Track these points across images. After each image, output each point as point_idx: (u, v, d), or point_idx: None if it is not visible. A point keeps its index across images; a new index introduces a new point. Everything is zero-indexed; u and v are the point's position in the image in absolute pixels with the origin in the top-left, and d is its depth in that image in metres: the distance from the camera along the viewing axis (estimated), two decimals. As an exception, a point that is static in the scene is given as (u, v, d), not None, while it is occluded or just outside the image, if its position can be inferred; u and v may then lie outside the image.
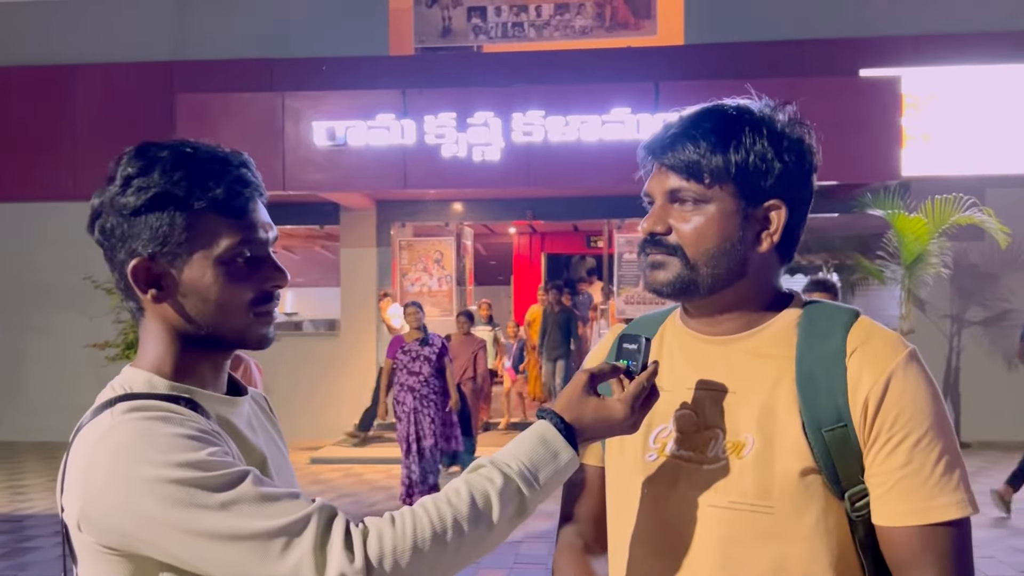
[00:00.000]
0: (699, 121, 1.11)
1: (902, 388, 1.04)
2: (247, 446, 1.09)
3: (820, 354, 1.08)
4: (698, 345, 1.17)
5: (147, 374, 1.06)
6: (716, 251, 1.10)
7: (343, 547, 0.93)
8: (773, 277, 1.16)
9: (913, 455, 1.03)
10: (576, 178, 8.60)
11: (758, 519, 1.06)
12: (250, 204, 1.06)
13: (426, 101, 8.62)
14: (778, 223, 1.11)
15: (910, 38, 9.47)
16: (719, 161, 1.08)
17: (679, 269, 1.11)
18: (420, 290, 9.75)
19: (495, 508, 0.99)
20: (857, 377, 1.05)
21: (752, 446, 1.08)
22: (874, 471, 1.05)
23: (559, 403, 1.07)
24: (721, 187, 1.09)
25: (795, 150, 1.11)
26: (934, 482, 1.03)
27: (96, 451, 0.96)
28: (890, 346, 1.08)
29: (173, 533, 0.92)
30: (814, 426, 1.05)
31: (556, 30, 10.54)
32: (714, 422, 1.12)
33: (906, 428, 1.03)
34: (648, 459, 1.17)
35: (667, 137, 1.12)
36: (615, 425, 1.07)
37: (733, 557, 1.08)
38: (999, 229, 8.12)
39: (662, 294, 1.14)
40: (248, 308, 1.07)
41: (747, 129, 1.09)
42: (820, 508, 1.06)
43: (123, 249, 1.04)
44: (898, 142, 8.38)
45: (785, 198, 1.11)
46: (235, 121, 8.50)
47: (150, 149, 1.04)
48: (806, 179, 1.13)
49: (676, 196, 1.11)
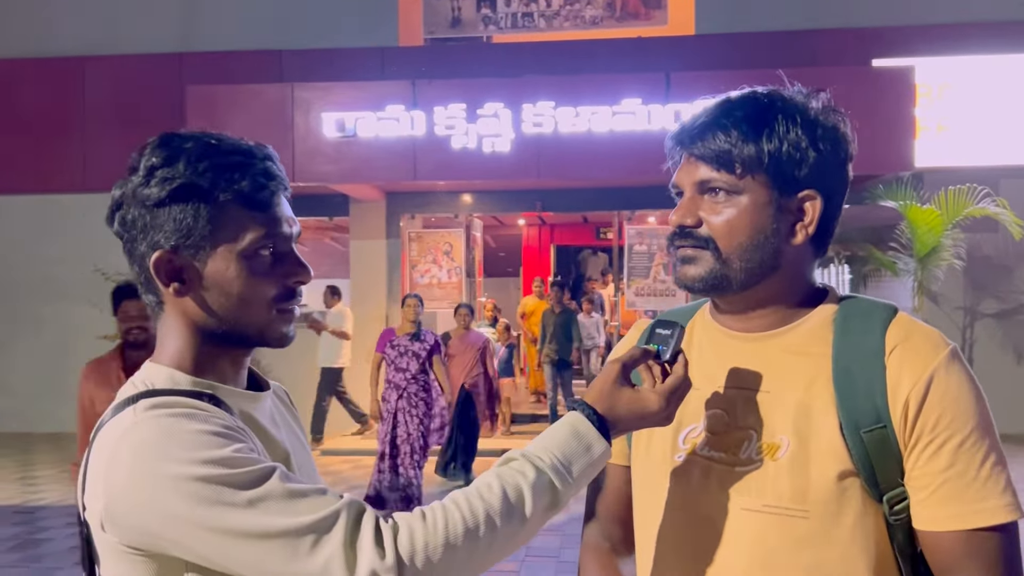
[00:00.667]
0: (730, 109, 1.07)
1: (944, 388, 1.00)
2: (270, 442, 1.07)
3: (858, 352, 1.04)
4: (729, 342, 1.13)
5: (169, 370, 1.04)
6: (749, 244, 1.06)
7: (374, 544, 0.91)
8: (807, 271, 1.12)
9: (957, 457, 0.99)
10: (587, 169, 8.56)
11: (793, 523, 1.03)
12: (275, 198, 1.04)
13: (436, 92, 8.59)
14: (813, 214, 1.07)
15: (923, 27, 9.38)
16: (751, 150, 1.04)
17: (711, 263, 1.07)
18: (430, 282, 9.74)
19: (528, 502, 0.97)
20: (897, 376, 1.01)
21: (787, 448, 1.04)
22: (916, 474, 1.01)
23: (591, 394, 1.04)
24: (753, 177, 1.05)
25: (830, 138, 1.07)
26: (979, 485, 0.99)
27: (119, 449, 0.93)
28: (931, 344, 1.04)
29: (199, 532, 0.90)
30: (852, 427, 1.01)
31: (566, 20, 10.48)
32: (747, 422, 1.08)
33: (949, 429, 0.99)
34: (677, 459, 1.13)
35: (697, 126, 1.08)
36: (649, 417, 1.03)
37: (767, 562, 1.04)
38: (1013, 221, 8.04)
39: (693, 290, 1.10)
40: (271, 304, 1.04)
41: (780, 117, 1.05)
42: (858, 512, 1.02)
43: (144, 241, 1.02)
44: (911, 133, 8.31)
45: (820, 188, 1.07)
46: (244, 112, 8.50)
47: (174, 140, 1.02)
48: (841, 168, 1.09)
49: (706, 187, 1.08)
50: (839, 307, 1.10)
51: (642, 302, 9.37)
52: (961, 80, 9.17)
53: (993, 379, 10.63)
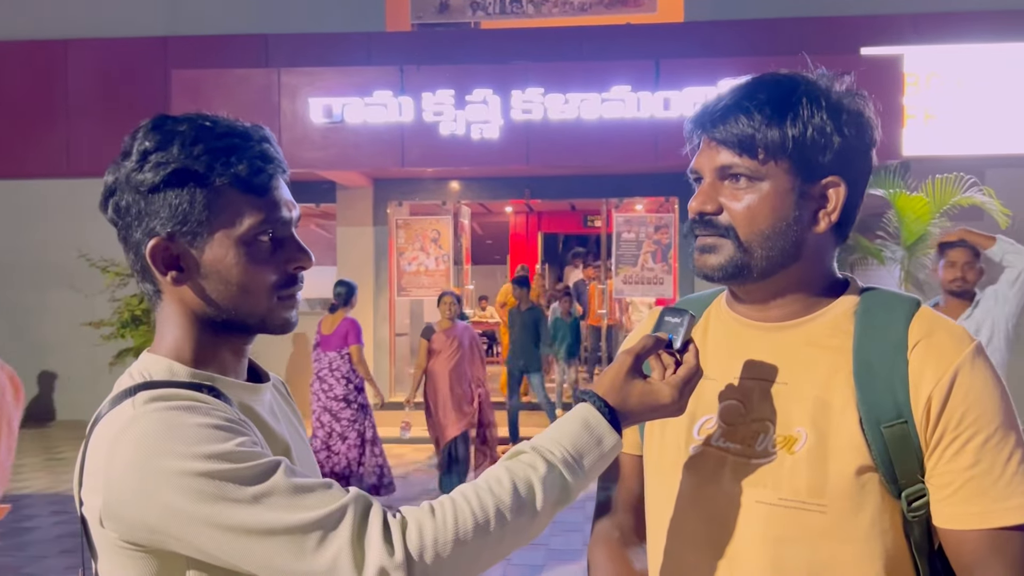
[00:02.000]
0: (753, 92, 1.04)
1: (968, 385, 0.98)
2: (271, 434, 1.04)
3: (879, 345, 1.02)
4: (746, 332, 1.11)
5: (167, 361, 1.01)
6: (771, 232, 1.03)
7: (382, 540, 0.89)
8: (829, 260, 1.10)
9: (982, 455, 0.97)
10: (576, 156, 8.53)
11: (810, 518, 1.01)
12: (273, 181, 1.01)
13: (424, 78, 8.53)
14: (837, 201, 1.05)
15: (912, 16, 9.39)
16: (775, 135, 1.01)
17: (732, 252, 1.04)
18: (417, 269, 9.70)
19: (538, 496, 0.95)
20: (920, 372, 1.00)
21: (805, 441, 1.02)
22: (939, 471, 0.99)
23: (601, 385, 1.02)
24: (776, 163, 1.02)
25: (855, 123, 1.04)
26: (1004, 483, 0.97)
27: (118, 443, 0.91)
28: (955, 340, 1.02)
29: (203, 528, 0.88)
30: (872, 422, 0.99)
31: (555, 6, 10.42)
32: (763, 414, 1.06)
33: (974, 427, 0.98)
34: (692, 450, 1.11)
35: (718, 109, 1.04)
36: (661, 409, 1.02)
37: (781, 556, 1.02)
38: (999, 210, 8.08)
39: (713, 279, 1.07)
40: (272, 291, 1.02)
41: (804, 100, 1.02)
42: (876, 508, 1.00)
43: (139, 228, 0.99)
44: (899, 121, 8.33)
45: (844, 174, 1.04)
46: (230, 97, 8.41)
47: (167, 122, 0.99)
48: (866, 154, 1.06)
49: (727, 173, 1.05)
50: (861, 299, 1.08)
51: (630, 290, 9.38)
52: (949, 69, 9.20)
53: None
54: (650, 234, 9.29)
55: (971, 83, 9.17)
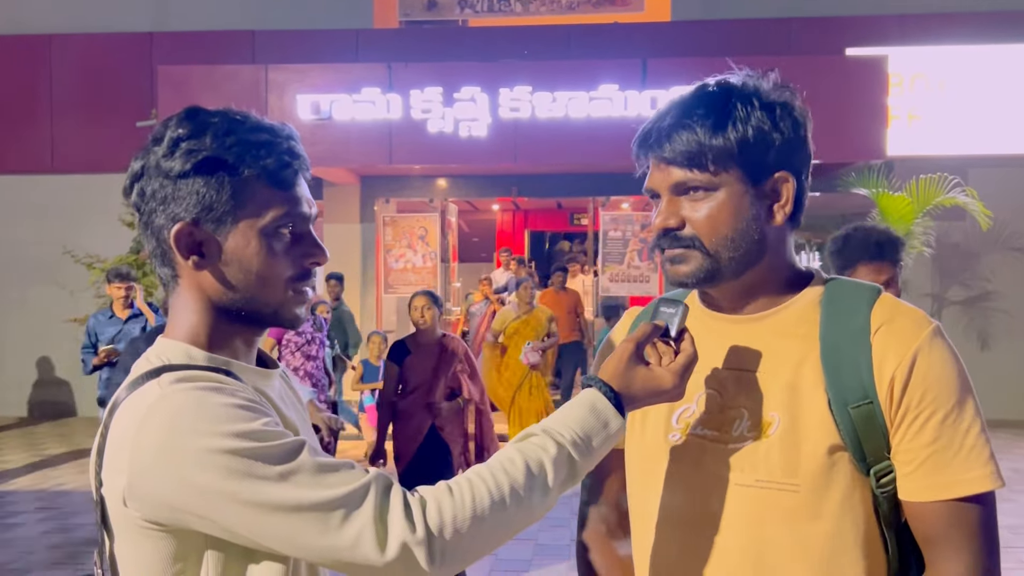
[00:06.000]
0: (691, 107, 1.08)
1: (928, 365, 1.04)
2: (283, 418, 1.07)
3: (844, 331, 1.08)
4: (719, 325, 1.17)
5: (184, 345, 1.03)
6: (734, 235, 1.08)
7: (403, 517, 0.92)
8: (788, 248, 1.16)
9: (942, 431, 1.03)
10: (563, 155, 8.55)
11: (784, 497, 1.07)
12: (297, 177, 1.05)
13: (412, 75, 8.53)
14: (788, 194, 1.10)
15: (896, 17, 9.46)
16: (720, 145, 1.06)
17: (700, 260, 1.09)
18: (404, 267, 9.70)
19: (550, 476, 1.00)
20: (882, 355, 1.05)
21: (778, 424, 1.08)
22: (903, 448, 1.05)
23: (606, 371, 1.07)
24: (727, 170, 1.07)
25: (789, 116, 1.10)
26: (964, 456, 1.03)
27: (146, 423, 0.92)
28: (915, 323, 1.08)
29: (230, 505, 0.90)
30: (840, 403, 1.05)
31: (543, 5, 10.44)
32: (738, 401, 1.12)
33: (934, 404, 1.04)
34: (672, 439, 1.17)
35: (662, 129, 1.09)
36: (663, 394, 1.07)
37: (760, 535, 1.08)
38: (981, 211, 8.17)
39: (687, 285, 1.13)
40: (287, 284, 1.05)
41: (739, 105, 1.07)
42: (846, 485, 1.06)
43: (164, 213, 1.01)
44: (883, 121, 8.39)
45: (789, 167, 1.10)
46: (217, 94, 8.37)
47: (200, 114, 1.03)
48: (804, 143, 1.12)
49: (683, 188, 1.09)
50: (825, 289, 1.14)
51: (616, 288, 9.42)
52: (933, 70, 9.28)
53: (959, 365, 10.80)
54: (636, 232, 9.33)
55: (955, 84, 9.25)
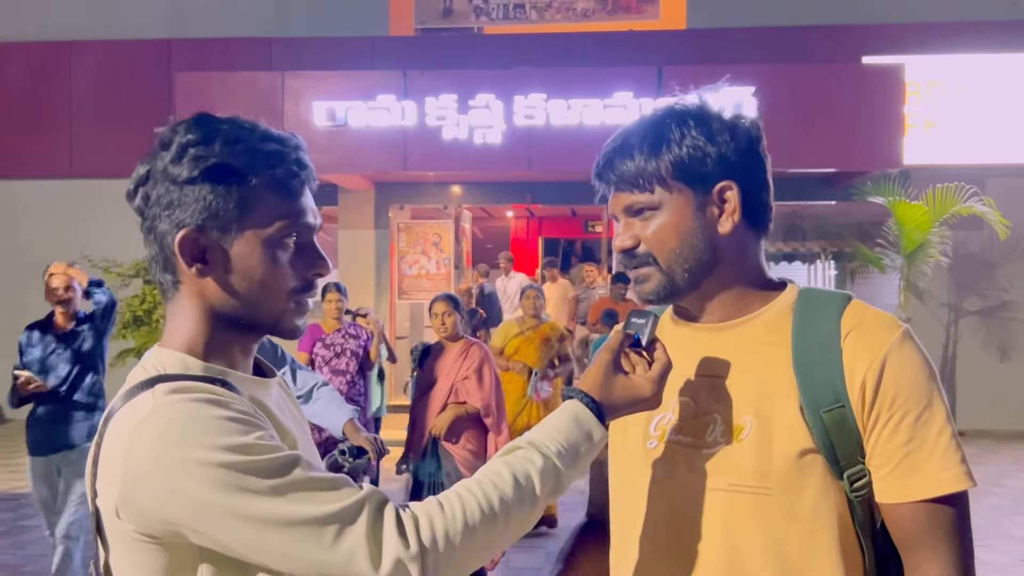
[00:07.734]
0: (628, 135, 1.16)
1: (898, 368, 1.06)
2: (280, 428, 1.06)
3: (816, 337, 1.10)
4: (693, 334, 1.20)
5: (180, 355, 1.02)
6: (681, 247, 1.13)
7: (397, 533, 0.92)
8: (753, 254, 1.18)
9: (915, 432, 1.05)
10: (577, 162, 8.47)
11: (758, 500, 1.09)
12: (304, 187, 1.05)
13: (427, 83, 8.56)
14: (734, 201, 1.13)
15: (913, 25, 9.42)
16: (655, 166, 1.12)
17: (657, 277, 1.15)
18: (418, 273, 9.73)
19: (537, 487, 1.00)
20: (853, 359, 1.07)
21: (750, 429, 1.10)
22: (878, 451, 1.07)
23: (586, 382, 1.09)
24: (667, 189, 1.13)
25: (726, 128, 1.13)
26: (938, 456, 1.05)
27: (139, 434, 0.92)
28: (884, 327, 1.10)
29: (222, 519, 0.89)
30: (812, 407, 1.07)
31: (558, 12, 10.47)
32: (712, 407, 1.14)
33: (905, 406, 1.05)
34: (649, 446, 1.20)
35: (604, 158, 1.17)
36: (642, 402, 1.09)
37: (735, 538, 1.10)
38: (999, 220, 8.10)
39: (652, 302, 1.18)
40: (290, 295, 1.04)
41: (673, 127, 1.12)
42: (819, 488, 1.08)
43: (168, 219, 1.00)
44: (900, 130, 8.35)
45: (732, 176, 1.13)
46: (234, 100, 8.44)
47: (209, 121, 1.03)
48: (748, 151, 1.15)
49: (632, 210, 1.16)
50: (797, 298, 1.17)
51: (631, 293, 9.39)
52: (950, 78, 9.22)
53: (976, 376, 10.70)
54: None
55: (972, 92, 9.19)
